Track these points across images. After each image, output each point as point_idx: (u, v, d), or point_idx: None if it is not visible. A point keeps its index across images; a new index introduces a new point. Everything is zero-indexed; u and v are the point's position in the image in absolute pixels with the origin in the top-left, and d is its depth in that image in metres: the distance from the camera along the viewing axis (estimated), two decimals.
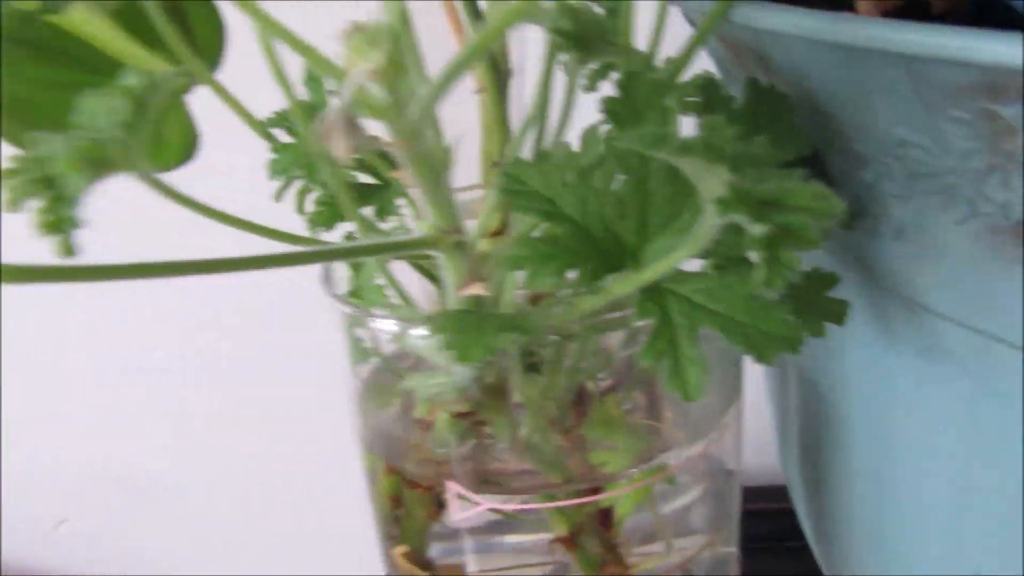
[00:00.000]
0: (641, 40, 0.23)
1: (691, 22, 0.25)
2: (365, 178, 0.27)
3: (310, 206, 0.26)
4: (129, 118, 0.16)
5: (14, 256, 0.15)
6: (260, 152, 0.27)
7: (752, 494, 0.49)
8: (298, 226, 0.27)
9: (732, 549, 0.32)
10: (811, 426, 0.28)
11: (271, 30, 0.18)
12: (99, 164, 0.15)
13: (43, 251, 0.15)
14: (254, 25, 0.18)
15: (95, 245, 0.16)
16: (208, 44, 0.26)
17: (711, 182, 0.15)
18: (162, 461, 0.58)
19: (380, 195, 0.25)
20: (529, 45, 0.26)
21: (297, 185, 0.27)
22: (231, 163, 0.35)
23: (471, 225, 0.28)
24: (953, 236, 0.18)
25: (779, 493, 0.35)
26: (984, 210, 0.17)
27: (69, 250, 0.15)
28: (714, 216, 0.15)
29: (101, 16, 0.25)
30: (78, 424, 0.56)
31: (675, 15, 0.24)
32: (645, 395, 0.29)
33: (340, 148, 0.17)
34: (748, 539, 0.42)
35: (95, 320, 0.53)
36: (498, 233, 0.30)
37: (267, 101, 0.26)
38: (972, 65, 0.14)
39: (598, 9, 0.22)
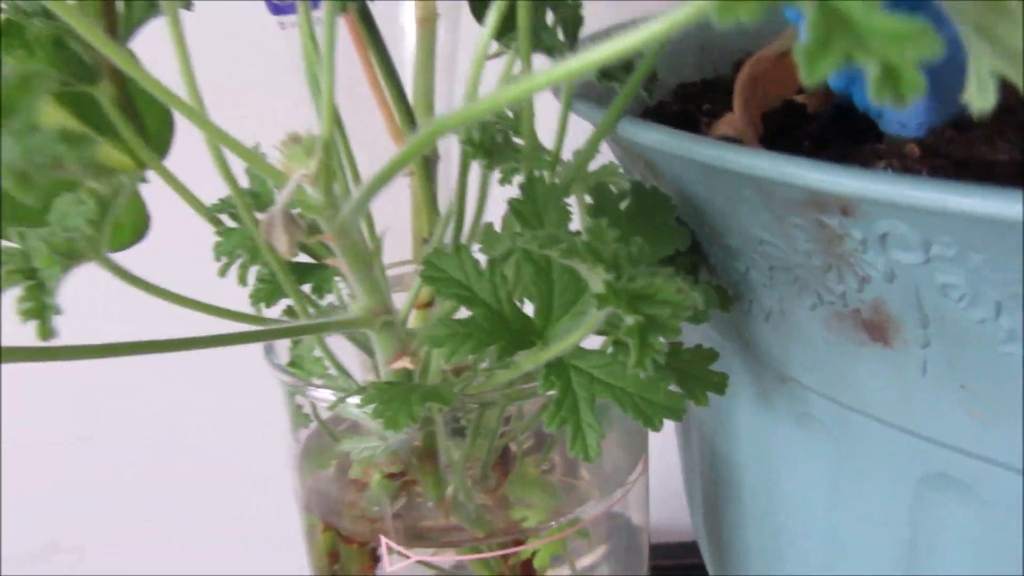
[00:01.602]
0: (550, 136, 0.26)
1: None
2: (304, 256, 0.29)
3: (252, 282, 0.28)
4: (96, 217, 0.18)
5: None
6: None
7: (667, 550, 0.53)
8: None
9: None
10: (711, 482, 0.31)
11: (218, 138, 0.20)
12: (71, 257, 0.18)
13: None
14: (202, 134, 0.21)
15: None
16: (157, 133, 0.29)
17: (593, 279, 0.18)
18: (95, 533, 0.58)
19: (317, 274, 0.28)
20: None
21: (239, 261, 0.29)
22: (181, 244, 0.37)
23: (403, 297, 0.30)
24: (808, 320, 0.22)
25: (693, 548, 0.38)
26: (828, 299, 0.21)
27: (47, 332, 0.17)
28: (596, 308, 0.17)
29: (52, 103, 0.27)
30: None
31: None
32: (561, 456, 0.32)
33: (282, 244, 0.20)
34: None
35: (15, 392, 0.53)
36: (429, 304, 0.33)
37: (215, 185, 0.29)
38: (800, 187, 0.18)
39: (508, 113, 0.25)
